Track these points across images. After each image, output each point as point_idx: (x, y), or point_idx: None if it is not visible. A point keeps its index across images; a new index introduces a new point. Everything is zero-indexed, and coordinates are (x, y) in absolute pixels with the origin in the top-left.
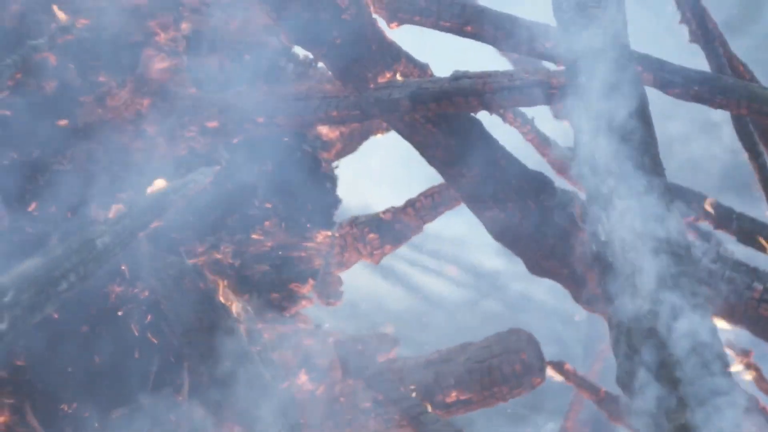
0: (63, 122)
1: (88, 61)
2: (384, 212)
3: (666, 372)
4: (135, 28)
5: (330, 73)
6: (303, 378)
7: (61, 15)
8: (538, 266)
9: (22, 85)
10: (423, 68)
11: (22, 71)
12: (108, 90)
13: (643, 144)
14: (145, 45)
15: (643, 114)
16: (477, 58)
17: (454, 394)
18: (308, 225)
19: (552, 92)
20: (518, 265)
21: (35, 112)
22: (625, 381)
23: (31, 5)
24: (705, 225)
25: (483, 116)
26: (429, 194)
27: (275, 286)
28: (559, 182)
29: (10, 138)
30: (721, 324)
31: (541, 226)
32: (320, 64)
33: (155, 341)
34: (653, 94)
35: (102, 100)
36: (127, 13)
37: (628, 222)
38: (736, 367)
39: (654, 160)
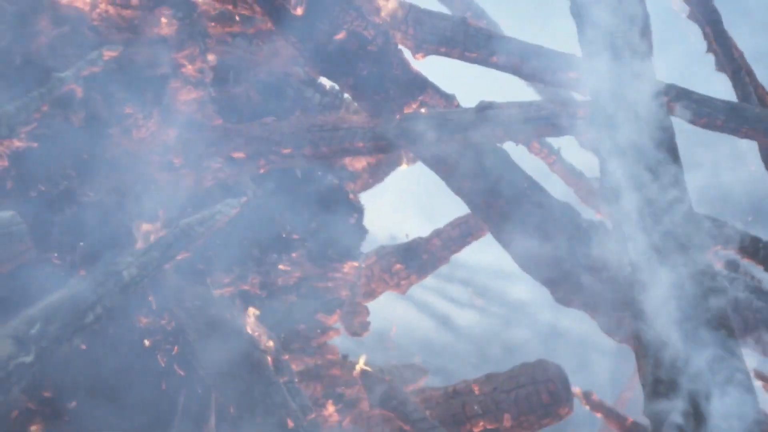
0: (89, 154)
1: (114, 92)
2: (411, 242)
3: (693, 409)
4: (161, 59)
5: (356, 104)
6: (330, 409)
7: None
8: (565, 296)
9: (49, 117)
10: (449, 99)
11: (48, 103)
12: (134, 121)
13: (669, 174)
14: (171, 76)
15: (669, 144)
16: (503, 87)
17: (481, 423)
18: (335, 256)
19: (578, 122)
20: (546, 295)
21: (62, 143)
22: (653, 412)
23: (58, 38)
24: (732, 254)
25: (509, 146)
26: (456, 224)
27: (302, 317)
28: (586, 212)
29: (37, 169)
30: (748, 351)
31: (568, 256)
32: (346, 95)
33: (182, 372)
34: (680, 122)
35: (128, 132)
36: (154, 45)
37: (654, 253)
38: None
39: (681, 190)
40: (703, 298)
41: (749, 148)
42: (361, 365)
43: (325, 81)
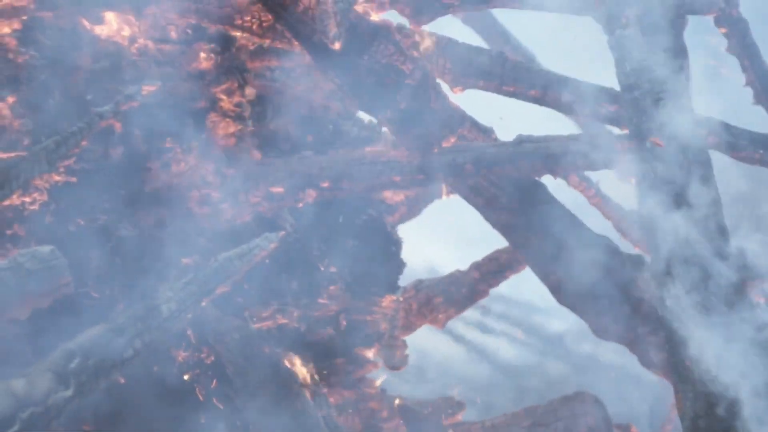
0: (128, 188)
1: (153, 127)
2: (449, 276)
3: None
4: (200, 93)
5: (394, 137)
6: None
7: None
8: (603, 329)
9: (88, 151)
10: (487, 132)
11: (87, 138)
12: (173, 155)
13: (707, 208)
14: (210, 111)
15: (707, 177)
16: (541, 120)
17: None
18: (373, 289)
19: (616, 156)
20: (584, 327)
21: (101, 178)
22: None
23: (96, 73)
24: None
25: (547, 179)
26: (494, 258)
27: (340, 350)
28: (624, 245)
29: (77, 204)
30: None
31: (607, 290)
32: (384, 129)
33: (221, 406)
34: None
35: (167, 166)
36: (192, 79)
37: (692, 288)
38: None
39: (719, 224)
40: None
41: None
42: (399, 399)
43: (363, 115)
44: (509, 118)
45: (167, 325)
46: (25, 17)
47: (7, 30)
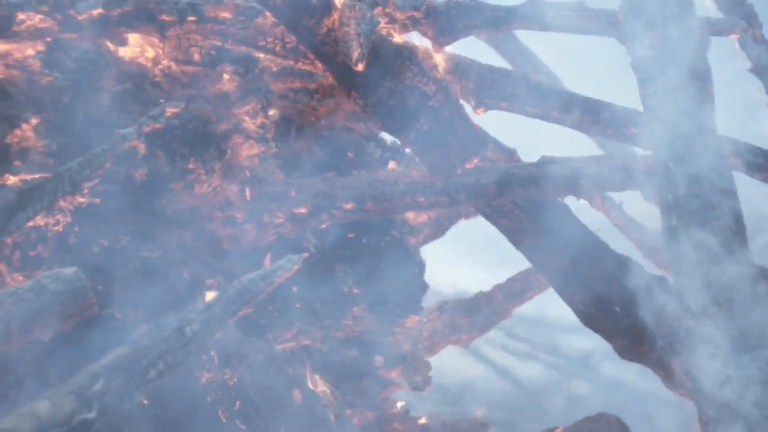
0: (151, 209)
1: (176, 148)
2: (472, 297)
3: None
4: (223, 115)
5: (417, 158)
6: None
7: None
8: (626, 350)
9: (112, 173)
10: (510, 153)
11: (111, 160)
12: (196, 177)
13: (730, 229)
14: (233, 132)
15: (730, 197)
16: (564, 140)
17: None
18: (396, 310)
19: (639, 177)
20: (609, 347)
21: (125, 199)
22: None
23: (120, 94)
24: None
25: (570, 200)
26: (517, 279)
27: (364, 371)
28: (648, 266)
29: (101, 225)
30: None
31: (629, 311)
32: (408, 150)
33: (244, 427)
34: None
35: (190, 187)
36: (216, 101)
37: (717, 309)
38: None
39: (742, 244)
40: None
41: None
42: (423, 419)
43: (386, 136)
44: (534, 139)
45: (191, 347)
46: (49, 39)
47: (31, 52)
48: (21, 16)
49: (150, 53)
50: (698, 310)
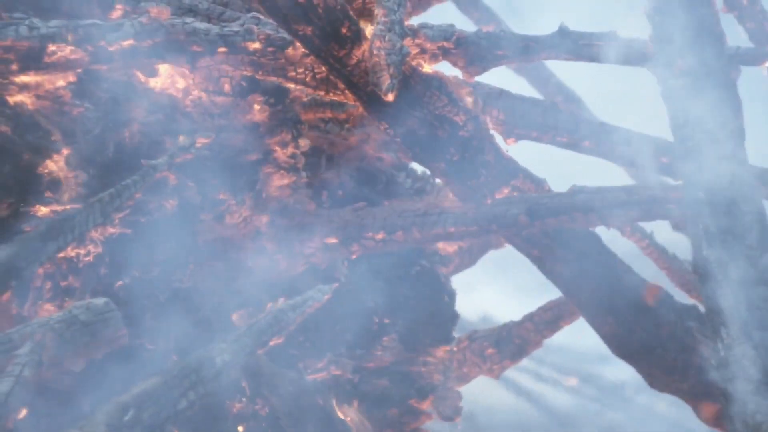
0: (182, 240)
1: (207, 179)
2: (503, 326)
3: None
4: (254, 145)
5: (448, 188)
6: None
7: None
8: (658, 381)
9: (143, 203)
10: (540, 183)
11: (142, 190)
12: (227, 207)
13: (762, 257)
14: (263, 162)
15: (762, 226)
16: (594, 170)
17: None
18: (427, 340)
19: (670, 207)
20: (641, 377)
21: (155, 230)
22: None
23: (151, 125)
24: None
25: (601, 230)
26: (548, 308)
27: (394, 401)
28: (679, 295)
29: (131, 256)
30: None
31: (661, 341)
32: (438, 180)
33: None
34: None
35: (221, 218)
36: (246, 131)
37: (748, 337)
38: None
39: None
40: None
41: None
42: None
43: (416, 166)
44: (564, 168)
45: (222, 377)
46: (80, 70)
47: (62, 83)
48: (52, 47)
49: (181, 84)
50: (730, 340)
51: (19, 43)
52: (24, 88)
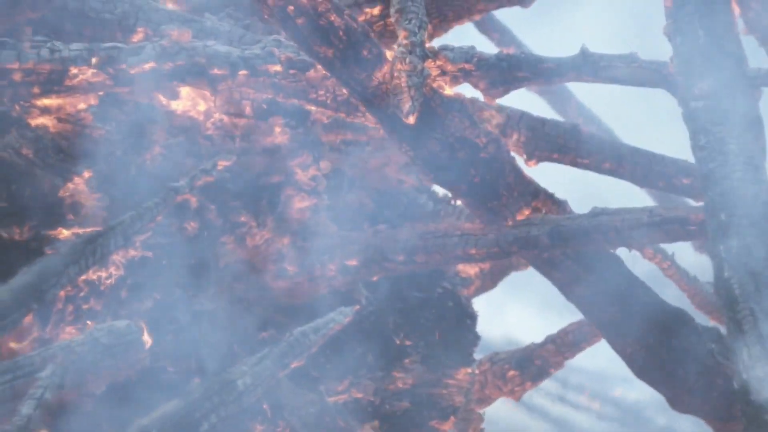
0: (203, 262)
1: (228, 201)
2: (524, 348)
3: None
4: (275, 168)
5: (469, 210)
6: None
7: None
8: (679, 402)
9: (164, 226)
10: (561, 205)
11: (163, 213)
12: (248, 230)
13: None
14: (285, 184)
15: None
16: (615, 191)
17: None
18: (448, 362)
19: (692, 229)
20: (662, 398)
21: (176, 252)
22: None
23: (172, 148)
24: None
25: (622, 251)
26: (569, 330)
27: (416, 423)
28: (700, 317)
29: (152, 278)
30: None
31: (683, 363)
32: (459, 202)
33: None
34: None
35: (242, 240)
36: (267, 153)
37: None
38: None
39: None
40: None
41: None
42: None
43: (437, 188)
44: (585, 190)
45: (243, 400)
46: (101, 93)
47: (83, 106)
48: (74, 70)
49: (202, 106)
50: (752, 362)
51: (41, 66)
52: (45, 111)
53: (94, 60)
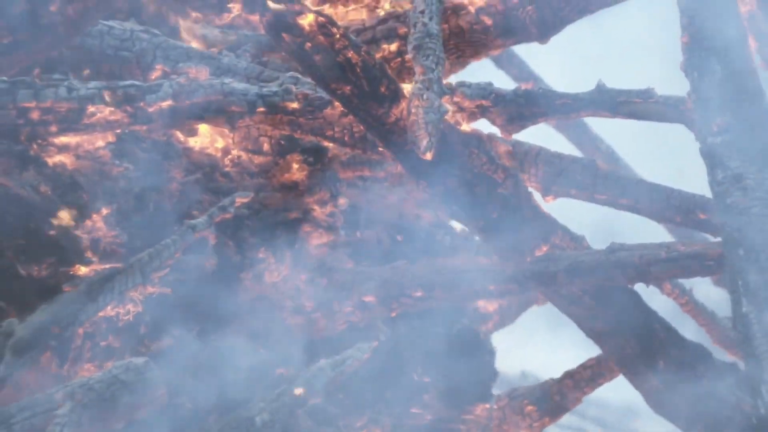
0: (222, 298)
1: (246, 238)
2: (542, 384)
3: None
4: (292, 204)
5: (486, 246)
6: None
7: None
8: None
9: (183, 263)
10: (579, 241)
11: (181, 250)
12: (266, 266)
13: None
14: (302, 220)
15: None
16: (632, 226)
17: None
18: (466, 398)
19: (709, 264)
20: None
21: (195, 289)
22: None
23: (190, 184)
24: None
25: (639, 286)
26: (588, 366)
27: None
28: (718, 353)
29: (171, 314)
30: None
31: (701, 398)
32: (476, 237)
33: None
34: None
35: (260, 276)
36: (285, 190)
37: None
38: None
39: None
40: None
41: None
42: None
43: (455, 223)
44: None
45: None
46: (119, 131)
47: (101, 143)
48: (91, 108)
49: (220, 143)
50: None
51: (59, 105)
52: (63, 149)
53: (111, 98)
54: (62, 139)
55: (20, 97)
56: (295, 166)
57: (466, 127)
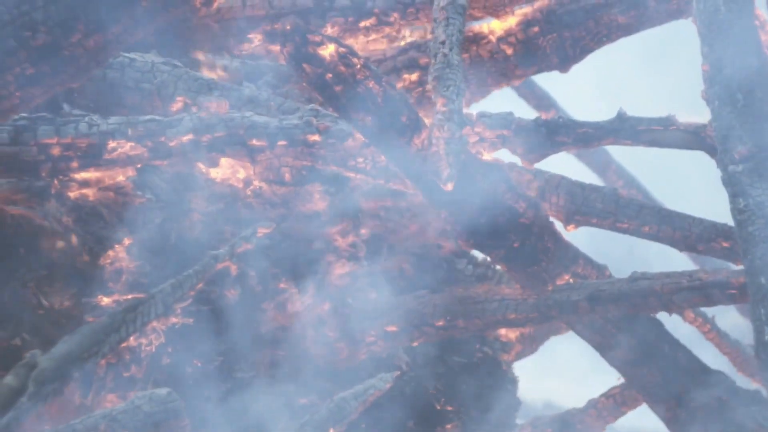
0: (244, 329)
1: (268, 268)
2: (565, 413)
3: None
4: (315, 234)
5: (508, 275)
6: None
7: None
8: None
9: (205, 293)
10: (600, 270)
11: (204, 281)
12: (289, 296)
13: None
14: (325, 251)
15: None
16: (655, 254)
17: None
18: (489, 427)
19: (732, 293)
20: None
21: (217, 319)
22: None
23: (212, 215)
24: None
25: (662, 315)
26: (611, 394)
27: None
28: (741, 380)
29: (193, 346)
30: None
31: (725, 427)
32: (498, 267)
33: None
34: None
35: (283, 306)
36: (307, 220)
37: None
38: None
39: None
40: None
41: None
42: None
43: (477, 252)
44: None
45: None
46: (140, 165)
47: (121, 178)
48: (112, 143)
49: (241, 174)
50: None
51: (79, 140)
52: (84, 184)
53: (132, 133)
54: (83, 175)
55: (41, 134)
56: (317, 196)
57: (487, 156)
